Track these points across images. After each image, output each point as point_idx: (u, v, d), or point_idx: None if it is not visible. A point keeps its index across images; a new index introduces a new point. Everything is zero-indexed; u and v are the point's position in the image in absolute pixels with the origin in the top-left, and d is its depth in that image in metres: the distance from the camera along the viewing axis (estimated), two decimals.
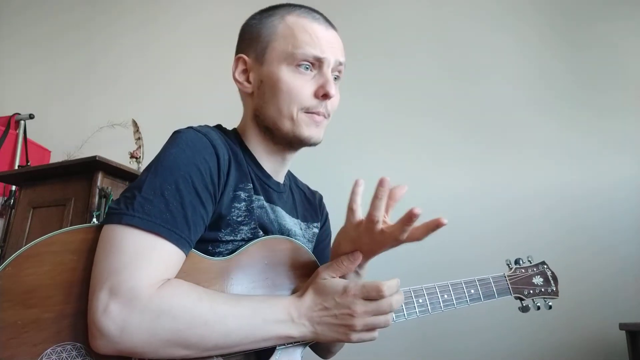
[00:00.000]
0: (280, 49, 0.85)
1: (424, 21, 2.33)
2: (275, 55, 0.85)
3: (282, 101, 0.84)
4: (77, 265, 0.66)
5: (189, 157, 0.74)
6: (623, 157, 1.86)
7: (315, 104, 0.84)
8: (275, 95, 0.84)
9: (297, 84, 0.83)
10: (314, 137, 0.86)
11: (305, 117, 0.84)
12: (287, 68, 0.84)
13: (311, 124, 0.85)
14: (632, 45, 1.97)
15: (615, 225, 1.79)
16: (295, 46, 0.84)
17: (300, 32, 0.84)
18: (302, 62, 0.84)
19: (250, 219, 0.82)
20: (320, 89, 0.84)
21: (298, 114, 0.84)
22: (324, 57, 0.84)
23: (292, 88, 0.83)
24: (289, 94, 0.83)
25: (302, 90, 0.84)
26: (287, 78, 0.83)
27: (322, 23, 0.87)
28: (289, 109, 0.84)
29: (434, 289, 0.89)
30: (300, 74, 0.84)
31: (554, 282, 1.06)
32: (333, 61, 0.86)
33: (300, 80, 0.84)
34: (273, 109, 0.85)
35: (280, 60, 0.84)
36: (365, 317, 0.73)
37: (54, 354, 0.62)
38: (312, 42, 0.84)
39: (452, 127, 2.12)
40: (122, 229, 0.66)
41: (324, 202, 1.11)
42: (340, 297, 0.74)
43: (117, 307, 0.61)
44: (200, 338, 0.65)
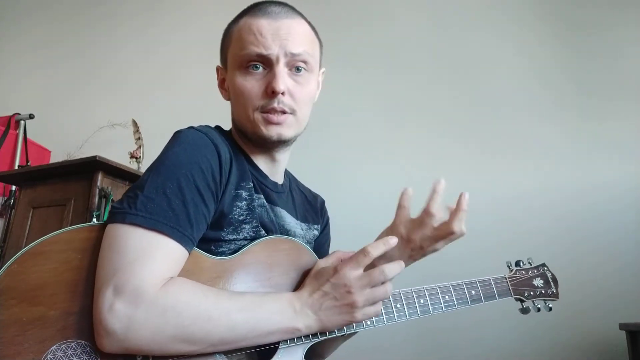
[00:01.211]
0: (233, 53, 0.86)
1: (426, 29, 2.33)
2: (231, 61, 0.87)
3: (240, 105, 0.85)
4: (81, 264, 0.67)
5: (191, 156, 0.75)
6: (622, 158, 1.87)
7: (266, 102, 0.83)
8: (236, 100, 0.86)
9: (247, 85, 0.83)
10: (274, 135, 0.84)
11: (260, 117, 0.84)
12: (239, 72, 0.84)
13: (267, 123, 0.84)
14: (629, 51, 1.99)
15: (614, 225, 1.80)
16: (241, 48, 0.83)
17: (246, 33, 0.83)
18: (250, 62, 0.83)
19: (252, 218, 0.83)
20: (268, 86, 0.82)
21: (254, 115, 0.84)
22: (268, 53, 0.82)
23: (243, 91, 0.84)
24: (242, 97, 0.84)
25: (252, 91, 0.83)
26: (239, 82, 0.84)
27: (272, 17, 0.84)
28: (245, 111, 0.84)
29: (435, 289, 0.90)
30: (250, 75, 0.83)
31: (554, 284, 1.06)
32: (282, 54, 0.82)
33: (250, 81, 0.83)
34: (237, 113, 0.87)
35: (234, 66, 0.86)
36: (363, 290, 0.74)
37: (59, 351, 0.62)
38: (256, 41, 0.82)
39: (452, 131, 2.13)
40: (126, 228, 0.66)
41: (326, 207, 1.12)
42: (334, 277, 0.75)
43: (123, 305, 0.62)
44: (205, 333, 0.66)
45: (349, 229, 1.68)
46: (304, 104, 0.87)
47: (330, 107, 2.16)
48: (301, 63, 0.85)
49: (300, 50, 0.84)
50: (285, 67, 0.84)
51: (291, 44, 0.83)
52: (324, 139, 2.16)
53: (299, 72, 0.86)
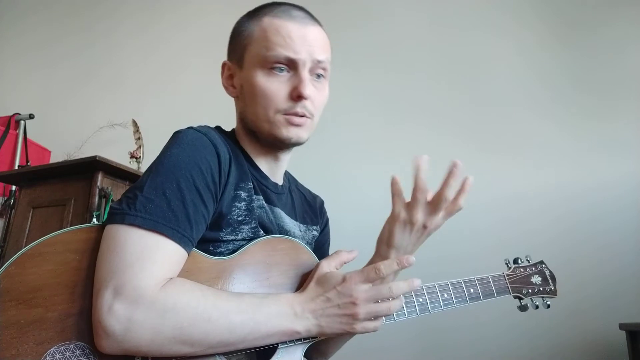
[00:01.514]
0: (255, 52, 0.85)
1: (425, 28, 2.33)
2: (251, 59, 0.85)
3: (258, 105, 0.84)
4: (80, 265, 0.66)
5: (190, 157, 0.74)
6: (621, 157, 1.87)
7: (291, 106, 0.84)
8: (253, 99, 0.85)
9: (271, 87, 0.83)
10: (293, 137, 0.85)
11: (282, 119, 0.84)
12: (262, 72, 0.84)
13: (288, 125, 0.84)
14: (629, 50, 1.98)
15: (614, 225, 1.79)
16: (268, 49, 0.83)
17: (272, 34, 0.83)
18: (275, 64, 0.83)
19: (251, 218, 0.83)
20: (294, 90, 0.83)
21: (275, 117, 0.84)
22: (297, 58, 0.83)
23: (267, 92, 0.83)
24: (264, 98, 0.83)
25: (277, 93, 0.83)
26: (262, 82, 0.83)
27: (298, 21, 0.85)
28: (266, 112, 0.84)
29: (434, 288, 0.90)
30: (275, 77, 0.83)
31: (552, 282, 1.07)
32: (309, 60, 0.84)
33: (275, 83, 0.83)
34: (252, 112, 0.86)
35: (255, 65, 0.84)
36: (367, 304, 0.74)
37: (58, 353, 0.62)
38: (285, 44, 0.82)
39: (451, 130, 2.12)
40: (125, 229, 0.66)
41: (325, 208, 1.12)
42: (341, 286, 0.75)
43: (122, 306, 0.61)
44: (204, 334, 0.66)
45: (349, 228, 1.68)
46: (320, 109, 0.89)
47: (330, 106, 2.15)
48: (321, 70, 0.87)
49: (323, 58, 0.86)
50: (308, 73, 0.85)
51: (317, 50, 0.85)
52: (323, 139, 2.15)
53: (319, 78, 0.87)
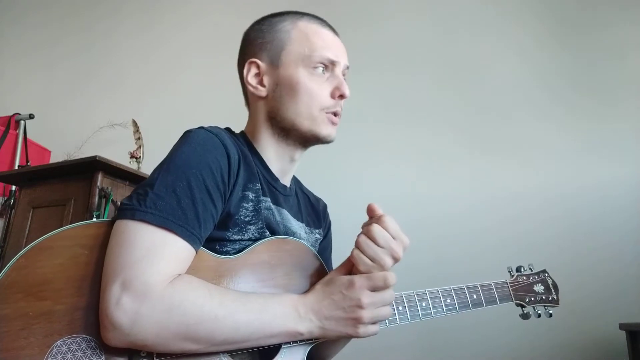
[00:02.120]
0: (296, 52, 0.89)
1: (425, 30, 2.34)
2: (292, 58, 0.89)
3: (301, 102, 0.88)
4: (88, 260, 0.67)
5: (201, 156, 0.75)
6: (621, 157, 1.88)
7: (333, 104, 0.90)
8: (294, 96, 0.88)
9: (314, 85, 0.88)
10: (331, 134, 0.91)
11: (324, 117, 0.89)
12: (305, 70, 0.88)
13: (329, 123, 0.90)
14: (629, 51, 2.00)
15: (614, 225, 1.80)
16: (312, 49, 0.88)
17: (313, 36, 0.90)
18: (318, 64, 0.88)
19: (258, 219, 0.84)
20: (336, 90, 0.89)
21: (319, 114, 0.88)
22: (337, 60, 0.90)
23: (311, 89, 0.88)
24: (309, 95, 0.87)
25: (320, 91, 0.88)
26: (305, 80, 0.88)
27: (330, 29, 0.93)
28: (309, 109, 0.88)
29: (437, 293, 0.91)
30: (317, 76, 0.89)
31: (554, 291, 1.07)
32: (344, 65, 0.92)
33: (317, 81, 0.89)
34: (292, 110, 0.88)
35: (297, 63, 0.88)
36: (372, 308, 0.75)
37: (64, 346, 0.62)
38: (326, 46, 0.90)
39: (452, 131, 2.13)
40: (135, 224, 0.67)
41: (328, 212, 1.13)
42: (347, 290, 0.76)
43: (129, 300, 0.62)
44: (209, 333, 0.66)
45: (349, 229, 1.68)
46: None
47: None
48: (343, 76, 0.94)
49: (349, 65, 0.95)
50: None
51: (346, 57, 0.95)
52: None
53: None
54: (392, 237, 0.78)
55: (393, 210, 0.88)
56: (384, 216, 0.80)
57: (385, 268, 0.77)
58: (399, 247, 0.78)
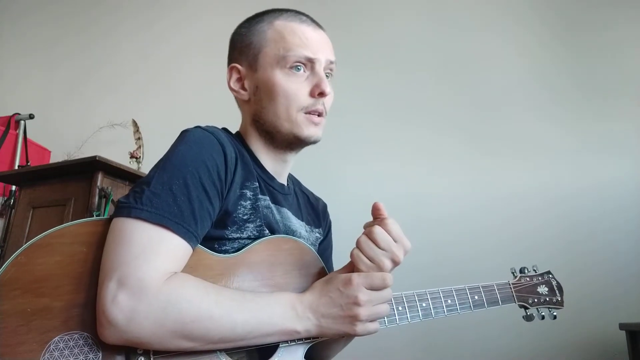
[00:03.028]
0: (272, 53, 0.87)
1: (424, 28, 2.34)
2: (268, 60, 0.87)
3: (279, 104, 0.86)
4: (86, 257, 0.67)
5: (197, 154, 0.76)
6: (621, 157, 1.88)
7: (313, 103, 0.87)
8: (273, 99, 0.86)
9: (292, 86, 0.86)
10: (314, 135, 0.89)
11: (303, 118, 0.87)
12: (281, 71, 0.86)
13: (310, 124, 0.87)
14: (629, 50, 2.00)
15: (614, 225, 1.80)
16: (286, 49, 0.86)
17: (289, 34, 0.87)
18: (295, 63, 0.86)
19: (256, 217, 0.84)
20: (316, 87, 0.86)
21: (297, 115, 0.86)
22: (316, 57, 0.87)
23: (288, 90, 0.86)
24: (286, 97, 0.86)
25: (298, 91, 0.86)
26: (282, 81, 0.86)
27: (310, 24, 0.89)
28: (287, 111, 0.86)
29: (437, 293, 0.90)
30: (294, 76, 0.86)
31: (559, 292, 1.05)
32: (324, 60, 0.88)
33: (295, 81, 0.86)
34: (271, 112, 0.87)
35: (273, 65, 0.87)
36: (369, 306, 0.75)
37: (62, 342, 0.63)
38: (302, 44, 0.86)
39: (452, 130, 2.13)
40: (131, 222, 0.67)
41: (328, 212, 1.13)
42: (345, 287, 0.75)
43: (126, 297, 0.62)
44: (205, 331, 0.66)
45: (348, 228, 1.68)
46: (329, 108, 0.93)
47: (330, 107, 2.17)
48: (330, 70, 0.91)
49: (334, 59, 0.91)
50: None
51: (329, 52, 0.90)
52: (323, 140, 2.16)
53: (329, 78, 0.91)
54: (394, 240, 0.78)
55: (393, 210, 0.88)
56: (387, 219, 0.79)
57: (384, 270, 0.77)
58: (400, 251, 0.78)
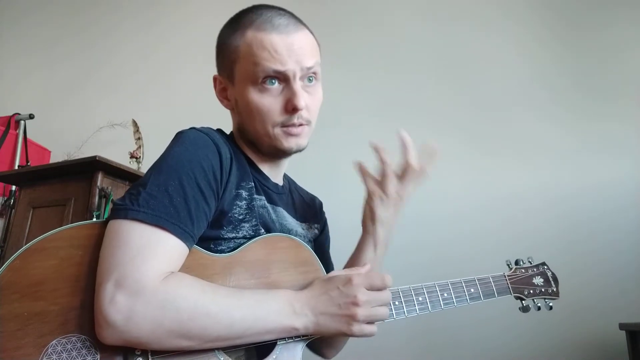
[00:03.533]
0: (243, 69, 0.85)
1: (423, 28, 2.34)
2: (241, 76, 0.86)
3: (256, 121, 0.86)
4: (82, 260, 0.67)
5: (192, 155, 0.76)
6: (621, 157, 1.88)
7: (287, 118, 0.84)
8: (249, 115, 0.86)
9: (264, 102, 0.83)
10: (294, 147, 0.87)
11: (281, 132, 0.85)
12: (253, 88, 0.84)
13: (288, 137, 0.86)
14: (629, 51, 2.00)
15: (614, 225, 1.80)
16: (255, 64, 0.82)
17: (258, 48, 0.82)
18: (265, 79, 0.83)
19: (252, 217, 0.84)
20: (289, 103, 0.83)
21: (274, 130, 0.85)
22: (285, 69, 0.82)
23: (261, 108, 0.84)
24: (260, 114, 0.84)
25: (271, 107, 0.84)
26: (255, 99, 0.84)
27: (282, 31, 0.83)
28: (264, 127, 0.85)
29: (433, 287, 0.90)
30: (267, 91, 0.83)
31: (554, 283, 1.06)
32: (299, 69, 0.83)
33: (268, 98, 0.83)
34: (251, 127, 0.88)
35: (246, 81, 0.85)
36: (367, 306, 0.75)
37: (59, 345, 0.63)
38: (271, 57, 0.81)
39: (451, 130, 2.13)
40: (128, 224, 0.67)
41: (324, 210, 1.13)
42: (344, 286, 0.76)
43: (123, 298, 0.62)
44: (202, 329, 0.67)
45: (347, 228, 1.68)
46: (316, 113, 0.90)
47: (328, 106, 2.16)
48: (313, 75, 0.87)
49: (312, 63, 0.85)
50: (300, 81, 0.85)
51: (305, 58, 0.84)
52: (321, 139, 2.16)
53: (311, 82, 0.87)
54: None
55: None
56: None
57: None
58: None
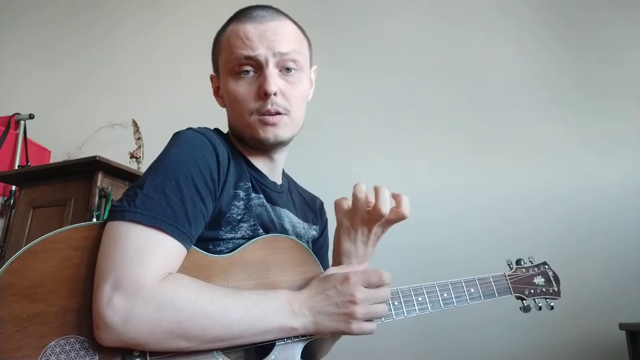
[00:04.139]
0: (223, 61, 0.88)
1: (423, 27, 2.34)
2: (222, 68, 0.89)
3: (235, 111, 0.87)
4: (80, 262, 0.68)
5: (189, 156, 0.76)
6: (621, 157, 1.88)
7: (261, 105, 0.84)
8: (231, 106, 0.88)
9: (239, 90, 0.85)
10: (271, 137, 0.86)
11: (256, 120, 0.85)
12: (231, 78, 0.86)
13: (263, 125, 0.85)
14: (629, 51, 1.99)
15: (614, 225, 1.80)
16: (231, 53, 0.85)
17: (233, 38, 0.85)
18: (240, 67, 0.84)
19: (249, 217, 0.84)
20: (260, 88, 0.83)
21: (250, 119, 0.85)
22: (256, 54, 0.83)
23: (237, 96, 0.85)
24: (237, 103, 0.86)
25: (246, 95, 0.85)
26: (232, 88, 0.86)
27: (257, 20, 0.85)
28: (242, 116, 0.86)
29: (433, 287, 0.90)
30: (242, 80, 0.85)
31: (555, 283, 1.06)
32: (271, 55, 0.84)
33: (243, 86, 0.85)
34: (234, 119, 0.89)
35: (226, 72, 0.87)
36: (365, 304, 0.75)
37: (58, 347, 0.63)
38: (243, 45, 0.83)
39: (450, 130, 2.13)
40: (125, 225, 0.67)
41: (325, 210, 1.12)
42: (342, 285, 0.76)
43: (121, 299, 0.62)
44: (201, 330, 0.67)
45: None
46: (297, 103, 0.88)
47: (327, 106, 2.17)
48: (291, 62, 0.86)
49: (288, 49, 0.85)
50: (276, 68, 0.85)
51: (278, 44, 0.84)
52: (320, 139, 2.17)
53: (290, 72, 0.87)
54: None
55: None
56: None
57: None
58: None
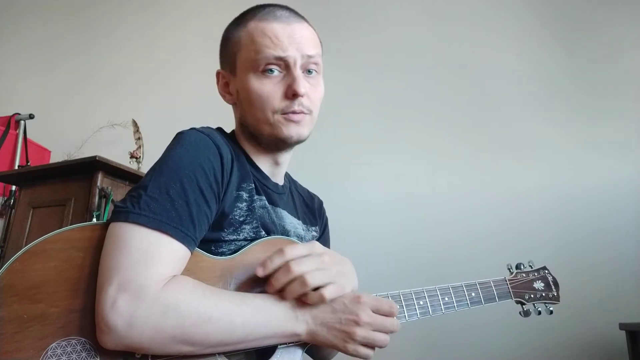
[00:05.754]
0: (245, 58, 0.86)
1: (423, 27, 2.34)
2: (242, 65, 0.87)
3: (256, 109, 0.85)
4: (83, 262, 0.67)
5: (193, 157, 0.75)
6: (621, 157, 1.88)
7: (287, 105, 0.85)
8: (250, 104, 0.86)
9: (265, 89, 0.84)
10: (294, 135, 0.86)
11: (281, 119, 0.85)
12: (254, 75, 0.85)
13: (288, 123, 0.85)
14: (629, 51, 2.00)
15: (614, 225, 1.80)
16: (257, 52, 0.84)
17: (259, 36, 0.84)
18: (266, 66, 0.84)
19: (252, 218, 0.83)
20: (289, 89, 0.84)
21: (274, 117, 0.85)
22: (286, 55, 0.83)
23: (262, 94, 0.84)
24: (260, 101, 0.85)
25: (272, 94, 0.84)
26: (256, 86, 0.84)
27: (283, 20, 0.86)
28: (264, 114, 0.85)
29: (434, 291, 0.90)
30: (268, 79, 0.84)
31: (555, 288, 1.07)
32: (299, 57, 0.85)
33: (268, 84, 0.84)
34: (251, 116, 0.87)
35: (247, 70, 0.86)
36: (368, 328, 0.75)
37: (59, 348, 0.62)
38: (272, 44, 0.83)
39: (451, 130, 2.13)
40: (129, 227, 0.67)
41: (324, 208, 1.12)
42: (350, 302, 0.75)
43: (125, 303, 0.62)
44: (204, 334, 0.66)
45: (347, 229, 1.69)
46: (317, 104, 0.90)
47: (329, 106, 2.16)
48: (313, 65, 0.87)
49: (313, 53, 0.86)
50: (300, 70, 0.86)
51: (306, 46, 0.85)
52: (322, 138, 2.16)
53: (311, 74, 0.88)
54: None
55: (393, 211, 0.88)
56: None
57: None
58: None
